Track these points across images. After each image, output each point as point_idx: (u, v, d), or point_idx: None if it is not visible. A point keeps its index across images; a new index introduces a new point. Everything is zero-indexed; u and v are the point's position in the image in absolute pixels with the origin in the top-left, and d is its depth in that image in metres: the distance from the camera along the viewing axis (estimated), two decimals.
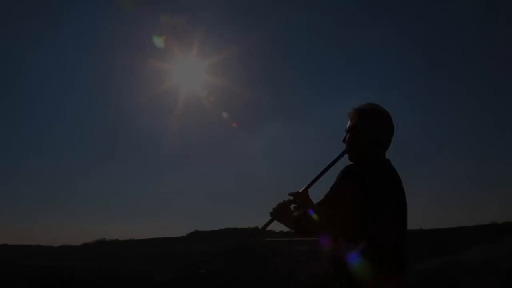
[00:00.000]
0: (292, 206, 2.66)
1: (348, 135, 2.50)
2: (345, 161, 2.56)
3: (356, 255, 2.13)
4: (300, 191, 2.68)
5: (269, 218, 2.70)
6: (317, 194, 2.65)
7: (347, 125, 2.51)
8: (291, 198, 2.67)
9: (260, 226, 2.78)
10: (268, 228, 2.73)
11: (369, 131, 2.40)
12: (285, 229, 2.86)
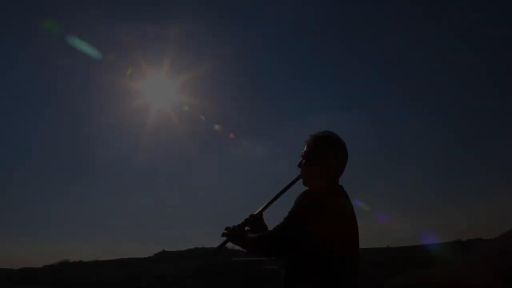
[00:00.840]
0: (246, 229, 2.72)
1: (303, 160, 2.58)
2: (300, 186, 2.62)
3: (312, 282, 2.25)
4: (255, 213, 2.77)
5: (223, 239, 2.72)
6: (271, 217, 2.72)
7: (303, 151, 2.58)
8: (246, 219, 2.76)
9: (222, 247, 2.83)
10: (236, 248, 2.71)
11: (324, 158, 2.48)
12: None
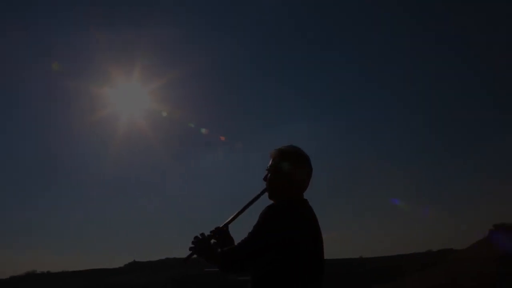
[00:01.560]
0: (212, 241, 2.73)
1: (268, 174, 2.62)
2: (266, 199, 2.66)
3: None
4: (221, 226, 2.79)
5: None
6: (237, 231, 2.78)
7: (269, 164, 2.63)
8: (213, 231, 2.77)
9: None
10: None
11: (289, 172, 2.53)
12: None
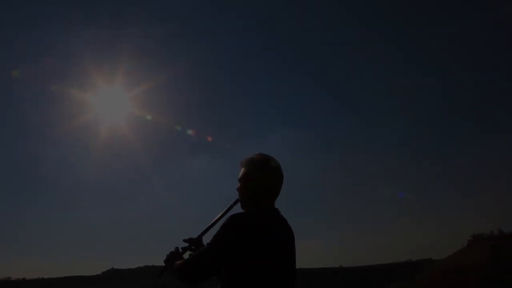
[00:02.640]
0: (188, 253, 2.69)
1: (239, 184, 2.59)
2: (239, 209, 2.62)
3: None
4: (195, 238, 2.77)
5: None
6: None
7: (239, 174, 2.60)
8: (187, 243, 2.75)
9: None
10: None
11: (259, 181, 2.51)
12: None
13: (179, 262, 2.53)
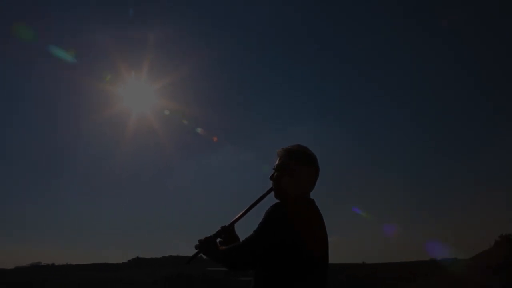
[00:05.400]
0: (218, 240, 2.72)
1: (275, 173, 2.61)
2: (272, 198, 2.65)
3: None
4: (227, 225, 2.78)
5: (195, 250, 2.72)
6: (243, 229, 2.73)
7: (275, 163, 2.62)
8: (218, 231, 2.77)
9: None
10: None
11: (296, 171, 2.53)
12: None
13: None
